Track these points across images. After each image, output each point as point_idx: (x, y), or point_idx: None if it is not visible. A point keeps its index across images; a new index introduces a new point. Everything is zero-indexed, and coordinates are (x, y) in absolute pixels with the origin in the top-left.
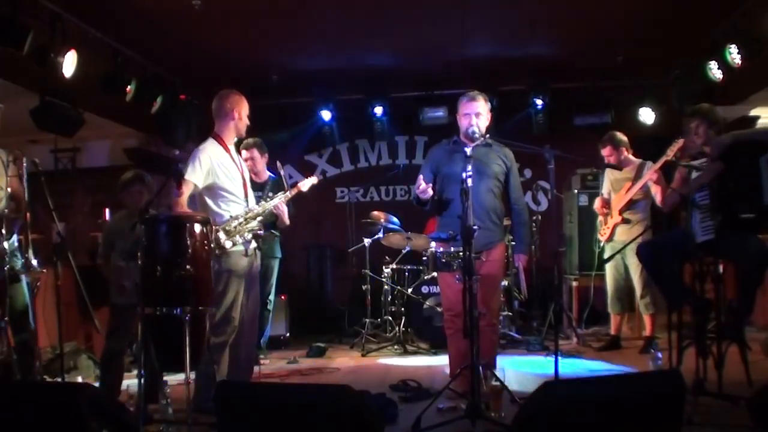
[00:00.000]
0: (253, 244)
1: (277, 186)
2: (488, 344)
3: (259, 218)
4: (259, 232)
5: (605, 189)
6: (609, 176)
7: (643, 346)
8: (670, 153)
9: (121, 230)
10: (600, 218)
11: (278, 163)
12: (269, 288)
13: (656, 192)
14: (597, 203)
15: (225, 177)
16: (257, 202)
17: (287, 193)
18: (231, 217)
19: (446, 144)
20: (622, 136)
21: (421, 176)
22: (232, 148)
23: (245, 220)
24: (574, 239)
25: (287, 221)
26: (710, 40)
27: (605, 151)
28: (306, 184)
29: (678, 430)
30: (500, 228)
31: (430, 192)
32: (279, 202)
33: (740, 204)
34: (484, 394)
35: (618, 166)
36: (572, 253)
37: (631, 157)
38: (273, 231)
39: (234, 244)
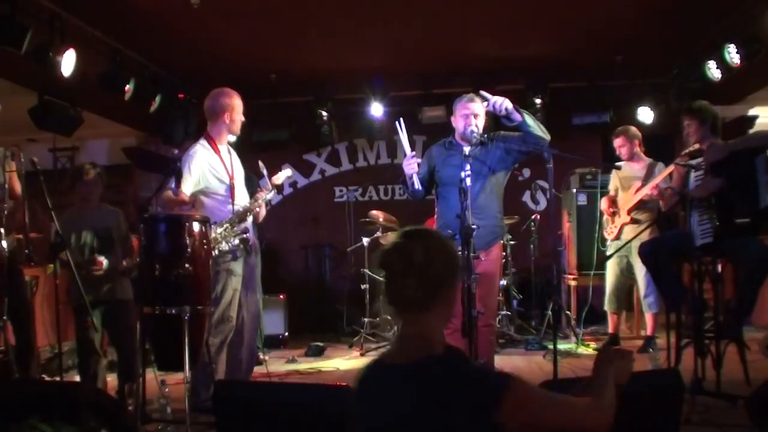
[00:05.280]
0: (241, 245)
1: (248, 181)
2: (486, 344)
3: (249, 220)
4: (246, 235)
5: (612, 186)
6: (617, 174)
7: (642, 345)
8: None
9: (78, 225)
10: (606, 217)
11: (260, 163)
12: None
13: (662, 200)
14: (603, 203)
15: (215, 180)
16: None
17: (267, 192)
18: (217, 223)
19: (442, 145)
20: (636, 131)
21: (413, 153)
22: (222, 148)
23: (231, 225)
24: (573, 239)
25: (262, 214)
26: (709, 39)
27: (618, 141)
28: (279, 177)
29: (676, 429)
30: (499, 227)
31: (415, 167)
32: (261, 202)
33: (736, 209)
34: None
35: (614, 165)
36: (571, 253)
37: (642, 154)
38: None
39: (226, 247)
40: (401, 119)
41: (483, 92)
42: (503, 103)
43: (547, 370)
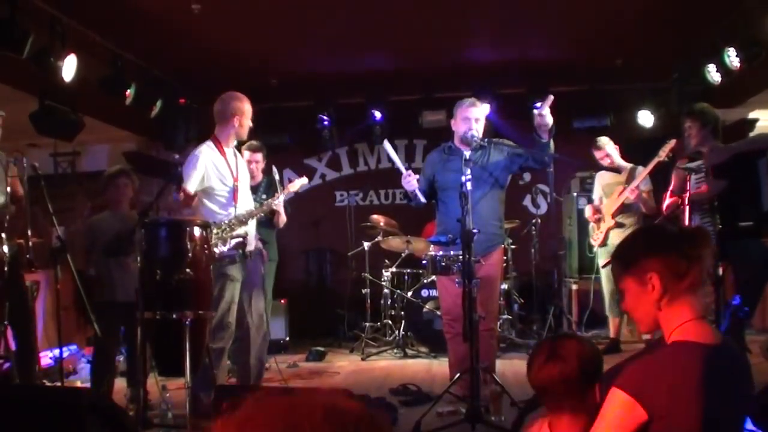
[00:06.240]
0: (239, 251)
1: (270, 187)
2: (487, 348)
3: (243, 228)
4: (245, 240)
5: (596, 195)
6: (600, 181)
7: (645, 348)
8: (662, 154)
9: (102, 227)
10: (592, 224)
11: (273, 168)
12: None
13: (642, 204)
14: (588, 211)
15: (218, 181)
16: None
17: (274, 200)
18: (214, 223)
19: (441, 150)
20: (607, 140)
21: (408, 171)
22: (229, 151)
23: (229, 227)
24: (574, 242)
25: (283, 220)
26: (709, 43)
27: (599, 154)
28: (296, 184)
29: None
30: (500, 232)
31: (414, 183)
32: (275, 205)
33: (739, 212)
34: (484, 397)
35: (614, 169)
36: (572, 256)
37: (621, 161)
38: (269, 229)
39: (223, 249)
40: (386, 141)
41: (550, 98)
42: (550, 122)
43: None
